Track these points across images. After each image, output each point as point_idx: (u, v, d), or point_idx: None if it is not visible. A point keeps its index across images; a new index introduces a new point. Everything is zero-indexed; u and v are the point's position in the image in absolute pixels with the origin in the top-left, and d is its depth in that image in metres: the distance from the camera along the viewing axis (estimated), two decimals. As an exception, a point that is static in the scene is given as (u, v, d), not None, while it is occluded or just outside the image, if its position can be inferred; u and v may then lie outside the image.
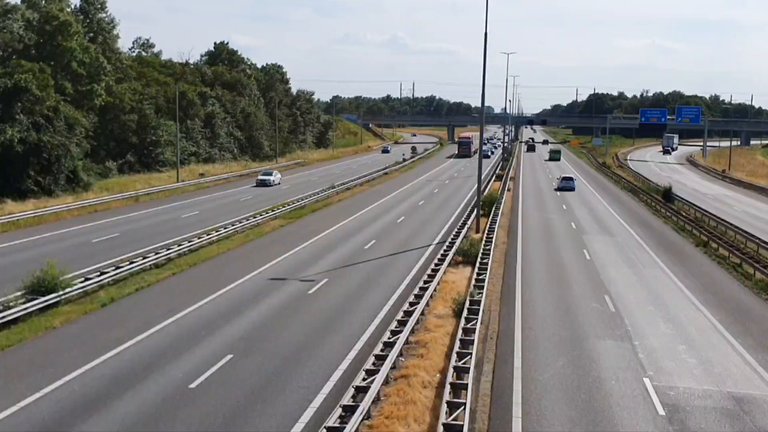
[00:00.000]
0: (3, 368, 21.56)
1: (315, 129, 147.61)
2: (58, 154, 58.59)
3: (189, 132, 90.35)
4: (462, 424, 17.06)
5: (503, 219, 53.90)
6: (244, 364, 22.27)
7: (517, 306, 29.75)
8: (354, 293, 31.26)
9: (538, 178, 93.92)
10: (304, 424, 18.12)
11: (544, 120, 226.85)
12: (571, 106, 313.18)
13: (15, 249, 39.85)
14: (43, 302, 27.09)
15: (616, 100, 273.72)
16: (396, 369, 21.79)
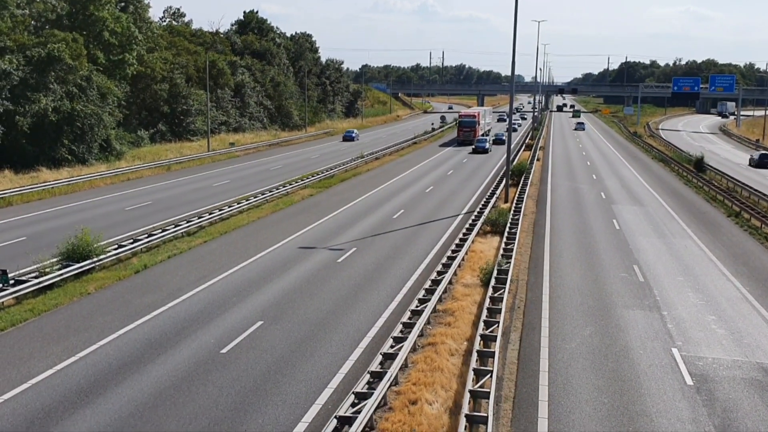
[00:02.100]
0: (40, 332, 22.15)
1: (344, 98, 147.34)
2: (91, 123, 59.31)
3: (219, 101, 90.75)
4: (488, 391, 17.25)
5: (532, 189, 53.67)
6: (274, 330, 22.64)
7: (545, 275, 29.76)
8: (382, 262, 31.47)
9: (568, 148, 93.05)
10: (333, 390, 18.44)
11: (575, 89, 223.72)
12: (603, 74, 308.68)
13: (50, 216, 40.60)
14: (77, 268, 27.68)
15: (648, 68, 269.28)
16: (423, 337, 22.02)
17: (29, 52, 55.76)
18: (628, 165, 75.04)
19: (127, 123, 72.55)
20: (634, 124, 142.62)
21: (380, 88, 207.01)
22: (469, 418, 16.01)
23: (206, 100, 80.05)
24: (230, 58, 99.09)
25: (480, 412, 16.64)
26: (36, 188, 47.66)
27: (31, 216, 40.59)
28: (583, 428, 16.63)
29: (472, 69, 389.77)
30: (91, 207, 43.83)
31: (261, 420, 16.73)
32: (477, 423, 16.10)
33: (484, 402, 17.14)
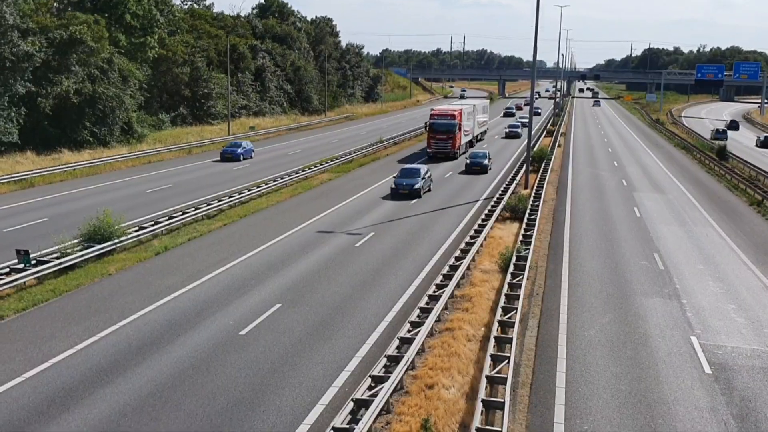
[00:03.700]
0: (61, 312, 22.40)
1: (364, 83, 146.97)
2: (113, 106, 59.64)
3: (240, 85, 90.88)
4: (506, 376, 17.24)
5: (553, 175, 53.38)
6: (292, 313, 22.75)
7: (565, 262, 29.64)
8: (400, 247, 31.48)
9: (590, 134, 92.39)
10: (350, 373, 18.52)
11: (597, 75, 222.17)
12: (625, 61, 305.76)
13: (72, 198, 40.94)
14: (99, 250, 27.94)
15: (671, 55, 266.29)
16: (441, 322, 22.04)
17: (51, 34, 56.06)
18: (649, 152, 74.41)
19: (148, 106, 72.89)
20: (656, 111, 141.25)
21: (400, 72, 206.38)
22: (486, 404, 16.02)
23: (227, 83, 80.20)
24: (251, 42, 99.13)
25: (497, 397, 16.65)
26: (58, 170, 48.06)
27: (53, 197, 40.97)
28: (601, 415, 16.61)
29: (493, 54, 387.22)
30: (113, 189, 44.15)
31: (278, 401, 16.85)
32: (494, 408, 16.10)
33: (501, 388, 17.16)
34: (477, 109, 71.81)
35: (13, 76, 50.44)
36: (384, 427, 15.76)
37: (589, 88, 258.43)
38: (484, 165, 53.99)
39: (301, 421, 16.00)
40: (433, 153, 61.17)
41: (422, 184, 43.49)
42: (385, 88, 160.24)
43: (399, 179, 43.57)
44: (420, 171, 44.56)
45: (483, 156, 55.48)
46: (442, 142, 60.77)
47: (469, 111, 66.89)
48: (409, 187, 42.85)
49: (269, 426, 15.74)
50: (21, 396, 16.82)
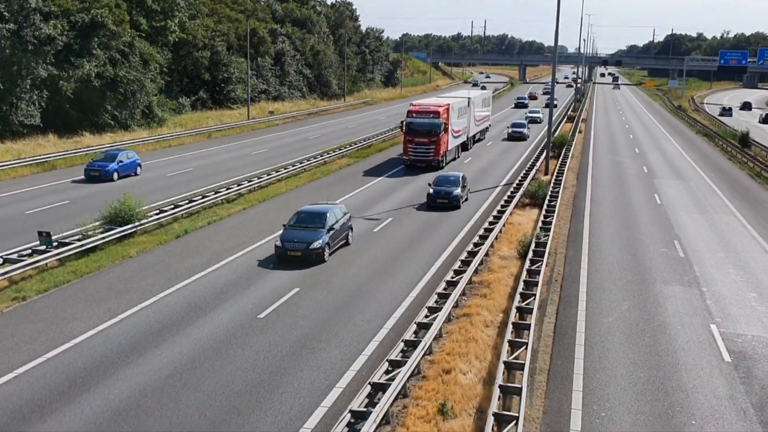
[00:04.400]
0: (83, 294, 22.64)
1: (383, 67, 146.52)
2: (134, 89, 59.90)
3: (259, 69, 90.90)
4: (523, 362, 17.24)
5: (573, 161, 53.06)
6: (310, 297, 22.84)
7: (584, 249, 29.52)
8: (418, 233, 31.47)
9: (611, 120, 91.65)
10: (367, 357, 18.59)
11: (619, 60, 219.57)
12: (647, 47, 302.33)
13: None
14: (120, 232, 28.17)
15: (694, 41, 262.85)
16: (459, 308, 22.05)
17: (73, 17, 56.31)
18: (671, 139, 73.73)
19: (168, 90, 73.11)
20: (678, 97, 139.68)
21: (420, 57, 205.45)
22: (503, 389, 16.05)
23: (247, 68, 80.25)
24: (271, 26, 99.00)
25: (514, 383, 16.67)
26: (79, 153, 48.42)
27: (75, 180, 41.28)
28: (618, 402, 16.58)
29: (514, 39, 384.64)
30: (133, 172, 44.35)
31: (297, 384, 16.97)
32: (511, 394, 16.14)
33: (519, 373, 17.17)
34: (474, 103, 57.96)
35: (35, 59, 50.77)
36: (401, 410, 15.83)
37: (610, 73, 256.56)
38: (455, 196, 36.09)
39: (319, 403, 16.11)
40: (410, 161, 47.64)
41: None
42: (404, 72, 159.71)
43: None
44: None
45: (454, 182, 36.99)
46: (422, 147, 46.94)
47: (462, 106, 53.85)
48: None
49: (288, 407, 15.86)
50: (43, 376, 17.05)
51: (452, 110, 49.91)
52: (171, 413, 15.51)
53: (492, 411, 14.73)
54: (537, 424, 15.55)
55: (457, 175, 37.96)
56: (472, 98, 57.58)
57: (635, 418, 15.91)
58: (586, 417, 15.87)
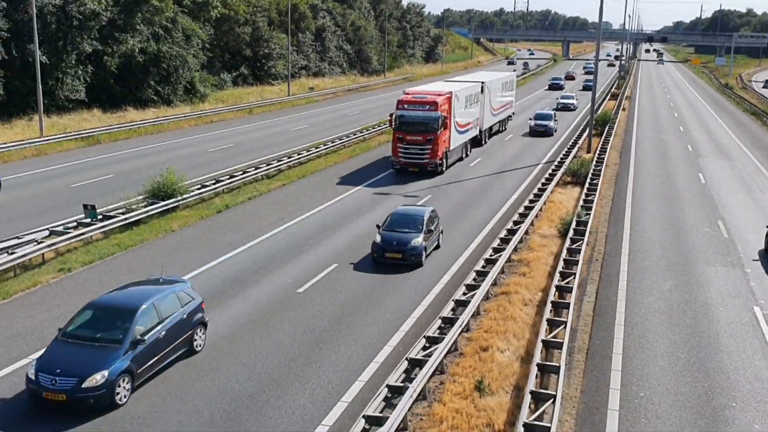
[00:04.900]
0: (126, 266, 23.08)
1: (424, 43, 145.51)
2: (176, 65, 60.46)
3: (300, 45, 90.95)
4: (561, 341, 17.17)
5: (616, 139, 52.30)
6: (348, 273, 22.97)
7: (626, 228, 29.17)
8: (457, 210, 31.39)
9: (656, 98, 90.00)
10: (404, 333, 18.68)
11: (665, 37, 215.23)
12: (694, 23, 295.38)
13: (137, 155, 41.87)
14: (162, 206, 28.59)
15: (743, 17, 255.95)
16: (497, 286, 22.00)
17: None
18: (717, 117, 72.20)
19: (210, 66, 73.60)
20: (725, 75, 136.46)
21: (462, 33, 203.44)
22: (541, 367, 16.02)
23: (287, 43, 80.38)
24: (312, 2, 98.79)
25: (552, 362, 16.62)
26: (123, 127, 49.12)
27: (118, 154, 41.94)
28: (658, 382, 16.44)
29: (558, 15, 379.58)
30: (176, 147, 44.94)
31: (334, 358, 17.14)
32: (549, 372, 16.10)
33: (557, 352, 17.11)
34: (490, 88, 48.55)
35: (80, 34, 51.43)
36: (438, 386, 15.91)
37: (655, 50, 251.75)
38: (413, 249, 23.72)
39: (356, 377, 16.25)
40: (401, 165, 38.24)
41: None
42: (445, 48, 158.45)
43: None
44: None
45: (415, 223, 24.56)
46: (416, 147, 37.62)
47: (471, 94, 44.34)
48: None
49: (325, 381, 16.04)
50: (88, 345, 17.40)
51: (456, 99, 40.06)
52: (211, 384, 15.78)
53: (529, 389, 14.73)
54: (575, 403, 15.51)
55: (421, 212, 25.11)
56: (487, 83, 47.76)
57: (674, 398, 15.78)
58: (625, 397, 15.78)
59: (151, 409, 14.68)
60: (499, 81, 52.39)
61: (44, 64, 47.34)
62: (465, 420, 14.34)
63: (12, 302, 20.03)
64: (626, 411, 15.23)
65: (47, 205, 30.05)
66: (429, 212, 24.97)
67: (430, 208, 25.88)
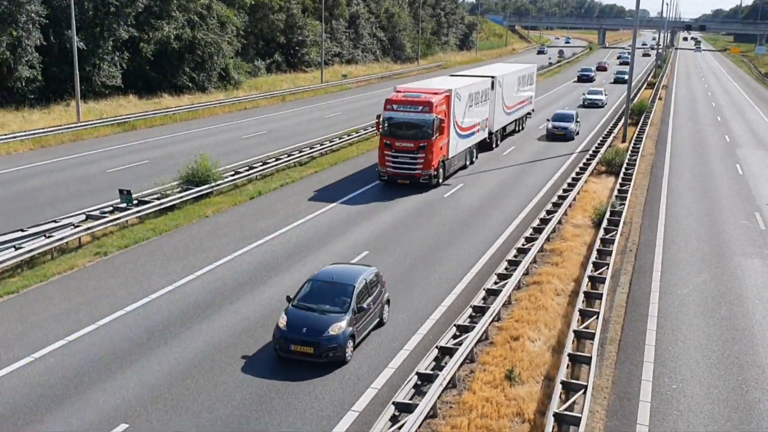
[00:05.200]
0: (161, 251, 23.37)
1: (458, 30, 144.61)
2: (211, 52, 60.85)
3: (333, 32, 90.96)
4: (593, 332, 17.06)
5: (652, 129, 51.61)
6: (379, 260, 22.98)
7: (661, 219, 28.83)
8: (489, 199, 31.25)
9: (693, 88, 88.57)
10: (435, 321, 18.69)
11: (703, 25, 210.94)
12: (734, 11, 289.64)
13: (171, 141, 42.28)
14: (196, 192, 28.88)
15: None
16: (529, 275, 21.90)
17: (153, -20, 57.31)
18: (756, 107, 70.87)
19: (244, 53, 73.92)
20: (766, 64, 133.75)
21: (496, 20, 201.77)
22: (572, 358, 15.94)
23: (321, 31, 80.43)
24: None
25: (584, 352, 16.53)
26: (158, 114, 49.61)
27: (154, 140, 42.39)
28: (691, 374, 16.27)
29: (594, 2, 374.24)
30: (210, 134, 45.29)
31: (365, 344, 17.19)
32: (580, 363, 16.01)
33: (588, 343, 17.01)
34: (502, 83, 42.93)
35: (116, 20, 51.97)
36: (468, 375, 15.91)
37: (693, 38, 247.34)
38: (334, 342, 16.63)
39: (386, 364, 16.31)
40: (388, 176, 32.63)
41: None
42: (480, 36, 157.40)
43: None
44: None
45: (339, 302, 17.03)
46: (406, 155, 32.05)
47: (478, 91, 38.42)
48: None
49: (356, 366, 16.11)
50: (123, 328, 17.74)
51: (457, 98, 34.44)
52: (244, 368, 15.95)
53: (560, 379, 14.67)
54: (606, 394, 15.42)
55: (353, 279, 17.52)
56: (498, 77, 41.97)
57: (708, 391, 15.61)
58: (657, 388, 15.65)
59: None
60: (514, 75, 46.67)
61: (81, 50, 47.96)
62: (495, 409, 14.34)
63: (49, 285, 20.42)
64: (658, 403, 15.10)
65: (84, 189, 30.52)
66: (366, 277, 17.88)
67: (372, 269, 18.44)
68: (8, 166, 34.78)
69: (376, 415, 13.81)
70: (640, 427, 14.23)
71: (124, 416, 14.02)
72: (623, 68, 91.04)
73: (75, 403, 14.43)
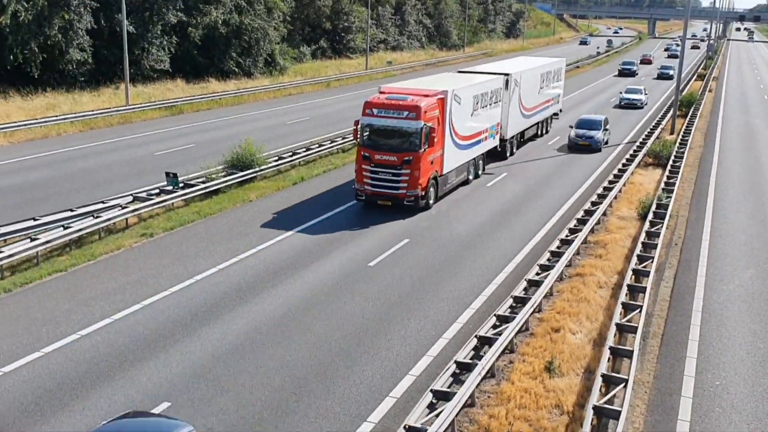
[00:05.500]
0: (205, 233, 23.69)
1: (505, 18, 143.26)
2: (258, 37, 61.28)
3: (379, 19, 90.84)
4: (636, 325, 16.85)
5: (701, 121, 50.60)
6: (419, 248, 23.02)
7: (708, 213, 28.30)
8: (533, 189, 31.00)
9: (745, 79, 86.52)
10: (475, 311, 18.65)
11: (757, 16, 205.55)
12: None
13: (217, 126, 42.75)
14: (241, 176, 29.18)
15: None
16: (572, 267, 21.69)
17: (202, -35, 57.85)
18: (812, 100, 68.96)
19: (290, 38, 74.28)
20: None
21: (544, 8, 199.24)
22: (614, 351, 15.78)
23: (367, 17, 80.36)
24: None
25: (625, 346, 16.35)
26: (205, 98, 50.17)
27: (200, 124, 42.88)
28: (735, 371, 15.99)
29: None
30: (255, 119, 45.66)
31: (403, 332, 17.25)
32: (621, 356, 15.84)
33: (630, 336, 16.81)
34: (520, 82, 36.97)
35: (165, 5, 52.63)
36: (507, 365, 15.85)
37: (746, 28, 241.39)
38: None
39: (425, 352, 16.34)
40: (367, 195, 27.05)
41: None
42: (527, 24, 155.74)
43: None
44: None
45: None
46: (387, 171, 26.46)
47: (487, 91, 32.49)
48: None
49: (394, 354, 16.18)
50: (167, 308, 18.06)
51: (454, 101, 28.64)
52: (284, 351, 16.12)
53: (601, 372, 14.53)
54: (647, 388, 15.24)
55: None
56: (513, 75, 36.02)
57: (751, 389, 15.32)
58: (699, 384, 15.41)
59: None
60: (536, 71, 40.52)
61: (131, 33, 48.68)
62: (533, 400, 14.28)
63: (96, 264, 20.86)
64: (700, 399, 14.88)
65: (131, 171, 31.05)
66: None
67: None
68: (59, 147, 35.56)
69: (413, 402, 13.86)
70: (681, 422, 14.04)
71: (167, 394, 14.28)
72: (669, 62, 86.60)
73: (119, 380, 14.74)
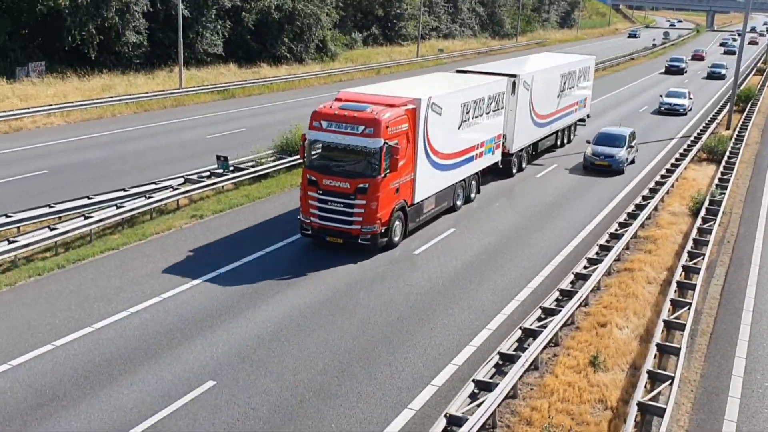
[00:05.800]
0: (253, 218, 23.98)
1: (560, 8, 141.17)
2: (310, 23, 61.50)
3: (432, 6, 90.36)
4: (684, 323, 16.58)
5: (759, 117, 49.32)
6: (465, 238, 22.94)
7: (762, 210, 27.62)
8: (584, 181, 30.62)
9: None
10: (519, 302, 18.53)
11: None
12: None
13: (268, 111, 43.11)
14: (290, 162, 29.40)
15: None
16: (620, 261, 21.40)
17: (257, -50, 58.21)
18: None
19: (342, 25, 74.38)
20: None
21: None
22: (661, 348, 15.56)
23: (419, 4, 79.99)
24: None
25: (673, 343, 16.10)
26: (257, 83, 50.59)
27: (251, 109, 43.29)
28: (785, 374, 15.64)
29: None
30: (305, 105, 45.73)
31: (447, 321, 17.25)
32: (668, 353, 15.62)
33: (678, 334, 16.56)
34: (532, 84, 30.83)
35: (220, -11, 53.21)
36: (551, 358, 15.74)
37: None
38: None
39: (468, 342, 16.31)
40: (313, 230, 21.21)
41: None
42: (582, 14, 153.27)
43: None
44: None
45: None
46: (337, 200, 20.71)
47: (483, 97, 26.38)
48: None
49: (437, 342, 16.19)
50: (215, 288, 18.34)
51: (432, 111, 22.58)
52: (327, 335, 16.26)
53: (647, 368, 14.35)
54: (693, 387, 14.99)
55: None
56: (523, 76, 29.92)
57: (803, 393, 14.97)
58: (747, 385, 15.10)
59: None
60: (554, 71, 33.91)
61: (186, 17, 49.29)
62: (576, 394, 14.16)
63: (148, 243, 21.28)
64: (748, 399, 14.59)
65: (183, 153, 31.53)
66: None
67: None
68: (113, 127, 36.28)
69: (455, 391, 13.86)
70: (727, 422, 13.79)
71: (212, 373, 14.53)
72: (722, 60, 79.74)
73: (167, 357, 15.04)
